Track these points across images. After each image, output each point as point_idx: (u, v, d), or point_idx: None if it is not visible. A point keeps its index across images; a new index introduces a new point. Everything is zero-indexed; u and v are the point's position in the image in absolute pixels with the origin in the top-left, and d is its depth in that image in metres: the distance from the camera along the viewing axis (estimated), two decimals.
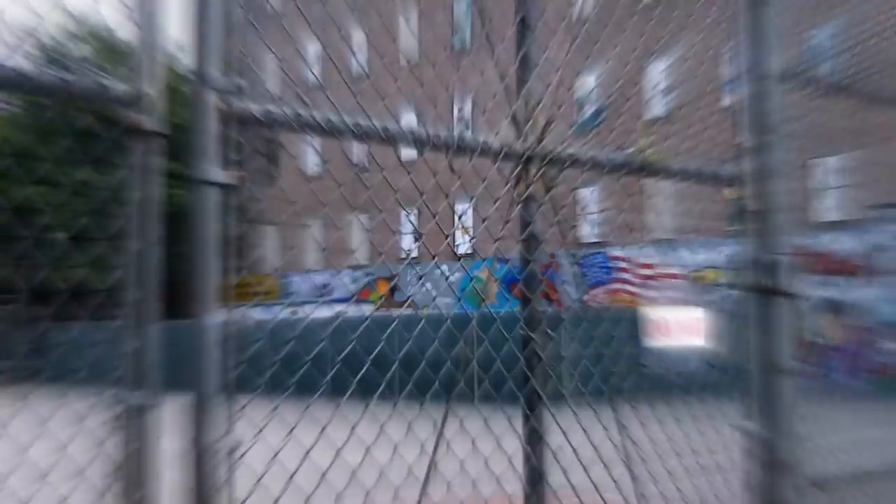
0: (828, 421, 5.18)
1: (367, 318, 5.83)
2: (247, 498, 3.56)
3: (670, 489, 5.54)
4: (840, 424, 5.35)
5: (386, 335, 5.78)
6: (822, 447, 4.96)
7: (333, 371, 4.75)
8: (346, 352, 5.00)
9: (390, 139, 4.10)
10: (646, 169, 4.74)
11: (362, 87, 4.64)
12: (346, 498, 4.78)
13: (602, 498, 5.16)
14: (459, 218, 5.43)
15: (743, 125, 4.60)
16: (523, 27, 5.54)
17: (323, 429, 4.00)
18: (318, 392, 4.48)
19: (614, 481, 5.33)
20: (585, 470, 5.20)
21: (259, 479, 3.57)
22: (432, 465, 5.48)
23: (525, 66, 5.42)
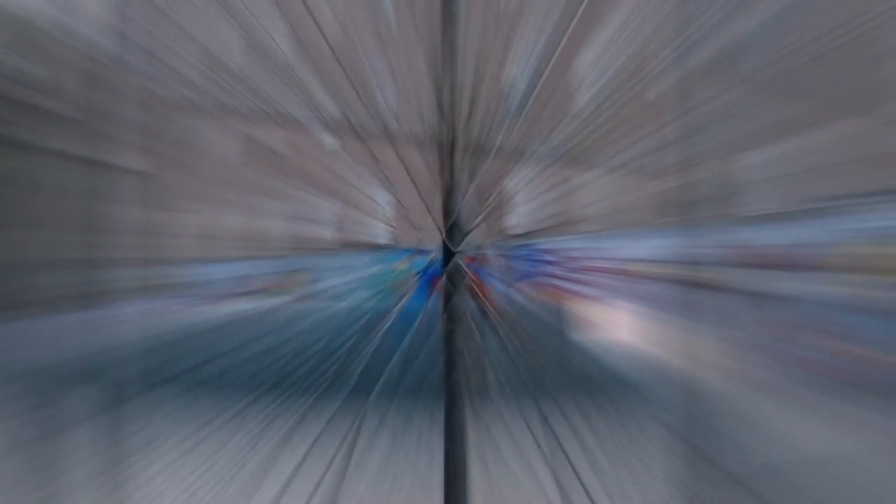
0: (748, 416, 5.17)
1: (283, 313, 5.71)
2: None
3: (593, 482, 5.50)
4: (760, 419, 5.35)
5: (304, 329, 5.66)
6: (751, 439, 4.95)
7: (248, 365, 4.62)
8: (263, 346, 4.87)
9: (314, 126, 3.98)
10: (573, 160, 4.68)
11: (285, 75, 4.52)
12: (268, 490, 4.66)
13: (524, 490, 5.10)
14: (381, 208, 5.33)
15: (669, 118, 4.55)
16: (449, 15, 5.44)
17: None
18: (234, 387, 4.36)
19: (536, 474, 5.27)
20: (507, 463, 5.13)
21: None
22: (353, 459, 5.38)
23: (451, 54, 5.32)
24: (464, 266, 5.36)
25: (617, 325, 6.69)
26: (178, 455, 4.71)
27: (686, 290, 4.29)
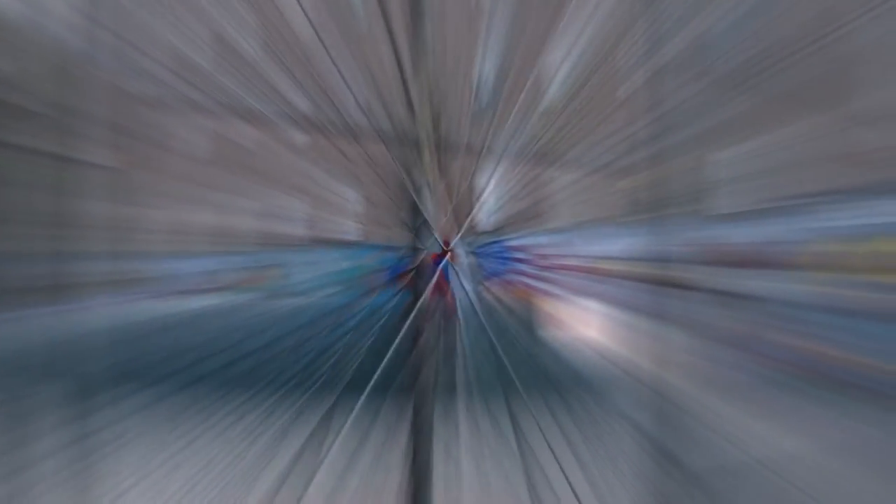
0: (720, 412, 5.19)
1: (253, 308, 5.69)
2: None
3: (562, 481, 5.51)
4: (727, 417, 5.37)
5: (274, 324, 5.65)
6: (712, 438, 4.97)
7: (217, 362, 4.61)
8: (232, 342, 4.86)
9: (283, 121, 3.98)
10: (543, 157, 4.68)
11: (254, 71, 4.51)
12: (236, 488, 4.66)
13: (491, 489, 5.11)
14: (351, 204, 5.32)
15: (637, 116, 4.56)
16: (419, 12, 5.44)
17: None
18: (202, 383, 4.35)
19: (506, 473, 5.28)
20: (476, 461, 5.14)
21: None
22: (322, 457, 5.38)
23: (421, 52, 5.32)
24: (432, 263, 5.37)
25: (586, 324, 6.70)
26: (146, 451, 4.70)
27: (655, 289, 4.30)
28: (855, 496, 5.17)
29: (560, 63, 6.00)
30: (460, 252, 5.80)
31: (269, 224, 5.64)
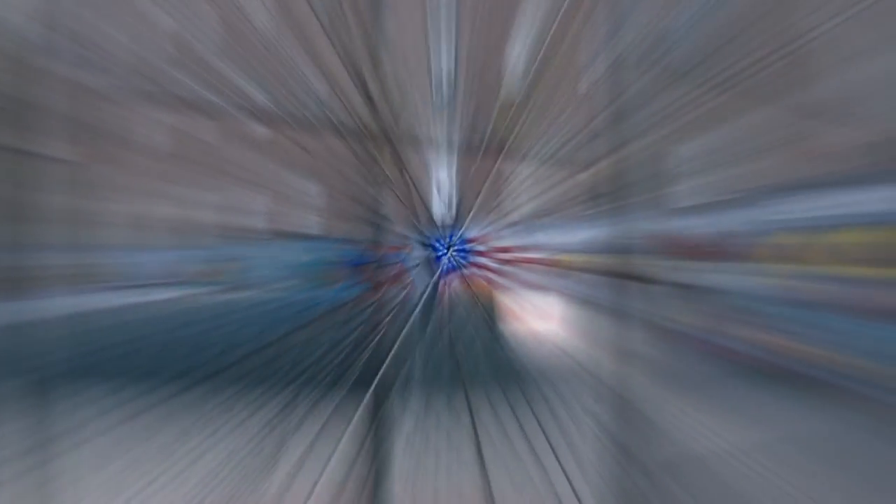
0: (678, 404, 5.22)
1: (213, 303, 5.68)
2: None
3: (521, 473, 5.52)
4: (689, 408, 5.40)
5: (235, 318, 5.64)
6: (672, 429, 5.00)
7: (175, 358, 4.60)
8: (192, 335, 4.85)
9: (243, 116, 3.98)
10: (504, 150, 4.70)
11: (214, 66, 4.51)
12: (196, 484, 4.65)
13: (449, 480, 5.12)
14: (312, 198, 5.32)
15: (599, 110, 4.58)
16: (379, 7, 5.44)
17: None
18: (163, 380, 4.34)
19: (466, 465, 5.29)
20: (436, 454, 5.15)
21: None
22: (281, 449, 5.38)
23: (380, 45, 5.33)
24: (393, 256, 5.38)
25: (545, 316, 6.72)
26: (105, 447, 4.68)
27: (615, 282, 4.33)
28: (809, 487, 5.22)
29: (520, 57, 6.02)
30: (420, 245, 5.81)
31: (230, 217, 5.63)
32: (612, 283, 4.33)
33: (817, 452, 5.55)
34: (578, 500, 5.24)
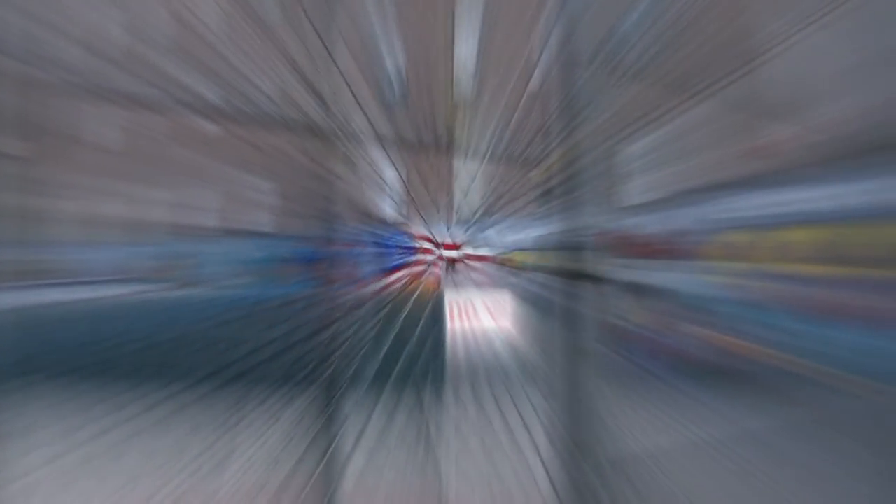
0: (628, 402, 5.26)
1: (165, 300, 5.66)
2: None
3: (470, 468, 5.55)
4: (639, 406, 5.44)
5: (186, 316, 5.62)
6: (622, 427, 5.03)
7: (126, 355, 4.58)
8: (142, 333, 4.83)
9: (194, 113, 3.96)
10: (455, 148, 4.71)
11: (166, 61, 4.49)
12: (147, 481, 4.63)
13: (401, 479, 5.13)
14: (264, 195, 5.31)
15: (551, 108, 4.60)
16: (331, 3, 5.44)
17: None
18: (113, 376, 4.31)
19: (417, 460, 5.30)
20: (388, 451, 5.16)
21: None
22: (230, 448, 5.37)
23: (332, 41, 5.32)
24: (345, 253, 5.38)
25: (496, 315, 6.74)
26: (56, 447, 4.66)
27: (566, 280, 4.36)
28: (755, 484, 5.27)
29: (470, 54, 6.03)
30: (371, 242, 5.81)
31: (181, 214, 5.60)
32: (563, 281, 4.35)
33: (763, 450, 5.61)
34: (528, 496, 5.27)
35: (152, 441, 4.73)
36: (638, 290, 6.41)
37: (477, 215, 6.04)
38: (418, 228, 5.93)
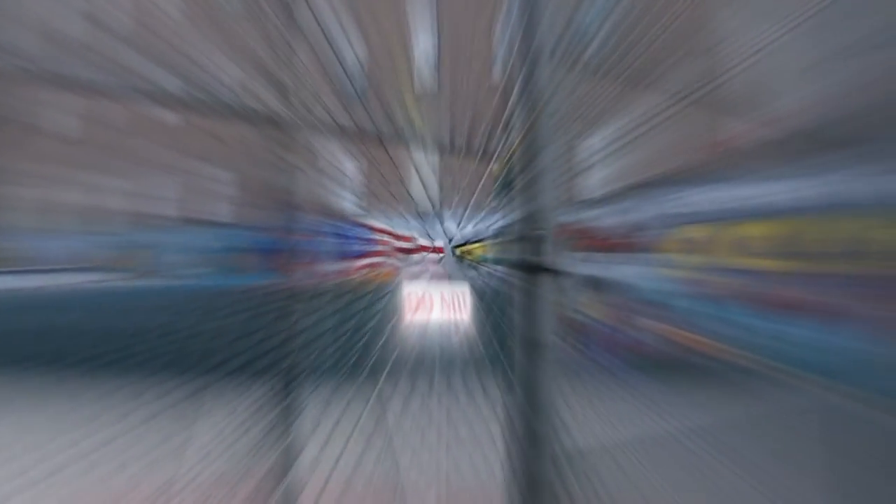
0: (585, 396, 5.29)
1: (123, 289, 5.64)
2: None
3: (427, 459, 5.57)
4: (596, 399, 5.47)
5: (144, 306, 5.60)
6: (578, 421, 5.06)
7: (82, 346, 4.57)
8: (100, 323, 4.82)
9: (154, 101, 3.95)
10: (415, 140, 4.72)
11: (126, 49, 4.47)
12: (104, 472, 4.62)
13: (357, 469, 5.14)
14: (224, 185, 5.30)
15: (512, 102, 4.61)
16: None
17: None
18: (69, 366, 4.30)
19: (373, 454, 5.31)
20: (345, 441, 5.17)
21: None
22: (189, 437, 5.36)
23: (294, 31, 5.31)
24: (304, 244, 5.38)
25: (453, 306, 6.76)
26: (9, 435, 4.64)
27: (524, 272, 4.37)
28: (709, 477, 5.32)
29: (431, 48, 6.04)
30: (329, 232, 5.81)
31: (140, 204, 5.58)
32: (521, 273, 4.36)
33: (714, 445, 5.66)
34: (484, 487, 5.29)
35: (109, 430, 4.72)
36: (596, 284, 6.44)
37: (436, 208, 6.05)
38: (377, 220, 5.94)
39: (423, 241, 6.24)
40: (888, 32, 5.51)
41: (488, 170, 5.07)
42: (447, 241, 6.00)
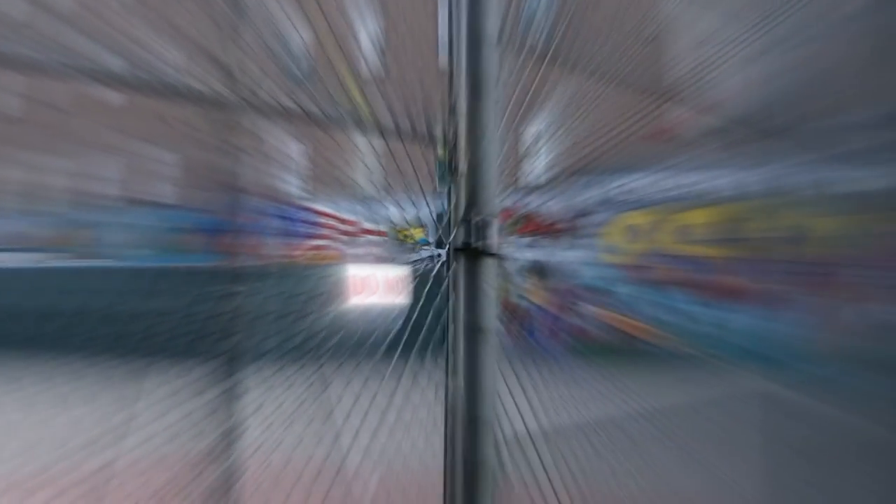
0: (527, 381, 5.32)
1: (64, 269, 5.60)
2: None
3: (373, 443, 5.59)
4: (538, 385, 5.50)
5: (85, 287, 5.57)
6: (521, 405, 5.09)
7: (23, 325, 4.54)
8: (40, 303, 4.79)
9: (97, 82, 3.91)
10: (359, 125, 4.71)
11: (68, 27, 4.42)
12: (42, 453, 4.59)
13: (301, 454, 5.14)
14: (168, 166, 5.27)
15: (457, 86, 4.62)
16: None
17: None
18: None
19: (315, 436, 5.31)
20: (287, 424, 5.16)
21: None
22: (130, 420, 5.34)
23: (239, 12, 5.28)
24: (249, 226, 5.36)
25: (395, 290, 6.77)
26: None
27: (468, 257, 4.38)
28: (650, 462, 5.38)
29: (378, 30, 6.02)
30: (272, 215, 5.80)
31: (82, 184, 5.53)
32: (464, 258, 4.38)
33: (658, 429, 5.72)
34: (427, 471, 5.31)
35: (48, 414, 4.69)
36: (540, 269, 6.48)
37: (380, 192, 6.04)
38: (322, 204, 5.93)
39: (367, 225, 6.24)
40: (826, 22, 5.57)
41: (433, 154, 5.07)
42: (391, 224, 5.97)
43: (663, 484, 5.29)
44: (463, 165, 4.48)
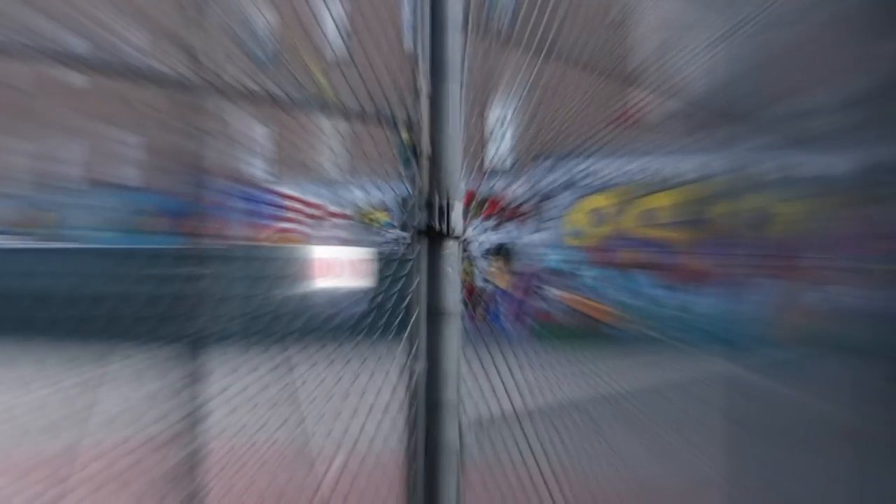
0: (491, 364, 5.32)
1: (27, 252, 5.57)
2: None
3: (337, 425, 5.59)
4: (502, 368, 5.51)
5: (49, 270, 5.54)
6: (484, 389, 5.09)
7: None
8: (3, 286, 4.76)
9: (59, 63, 3.88)
10: (324, 107, 4.70)
11: (30, 9, 4.39)
12: (3, 437, 4.57)
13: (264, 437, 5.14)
14: (132, 149, 5.25)
15: (422, 70, 4.60)
16: None
17: None
18: None
19: (284, 418, 5.31)
20: (252, 408, 5.15)
21: None
22: (93, 403, 5.32)
23: None
24: (214, 209, 5.34)
25: (359, 272, 6.77)
26: None
27: (429, 240, 4.38)
28: (610, 446, 5.40)
29: (343, 13, 6.00)
30: (236, 196, 5.77)
31: (45, 166, 5.50)
32: (428, 241, 4.37)
33: (622, 412, 5.74)
34: (391, 454, 5.32)
35: (10, 397, 4.67)
36: (504, 253, 6.49)
37: (345, 174, 6.03)
38: (287, 187, 5.91)
39: (333, 208, 6.23)
40: (789, 6, 5.59)
41: (397, 138, 5.07)
42: (356, 208, 5.98)
43: (627, 467, 5.32)
44: (427, 149, 4.48)
